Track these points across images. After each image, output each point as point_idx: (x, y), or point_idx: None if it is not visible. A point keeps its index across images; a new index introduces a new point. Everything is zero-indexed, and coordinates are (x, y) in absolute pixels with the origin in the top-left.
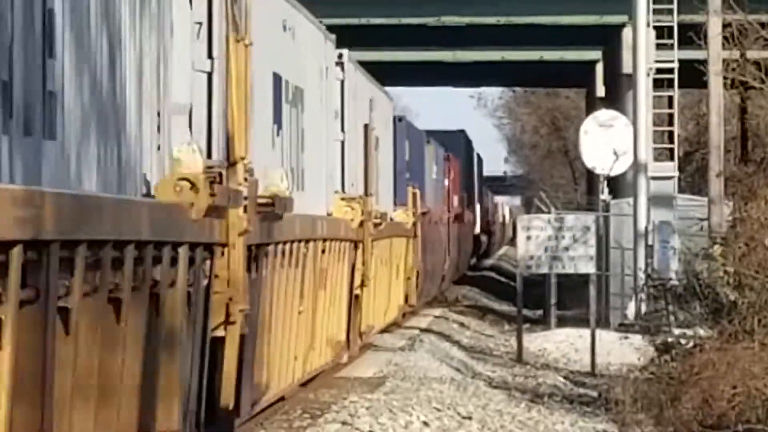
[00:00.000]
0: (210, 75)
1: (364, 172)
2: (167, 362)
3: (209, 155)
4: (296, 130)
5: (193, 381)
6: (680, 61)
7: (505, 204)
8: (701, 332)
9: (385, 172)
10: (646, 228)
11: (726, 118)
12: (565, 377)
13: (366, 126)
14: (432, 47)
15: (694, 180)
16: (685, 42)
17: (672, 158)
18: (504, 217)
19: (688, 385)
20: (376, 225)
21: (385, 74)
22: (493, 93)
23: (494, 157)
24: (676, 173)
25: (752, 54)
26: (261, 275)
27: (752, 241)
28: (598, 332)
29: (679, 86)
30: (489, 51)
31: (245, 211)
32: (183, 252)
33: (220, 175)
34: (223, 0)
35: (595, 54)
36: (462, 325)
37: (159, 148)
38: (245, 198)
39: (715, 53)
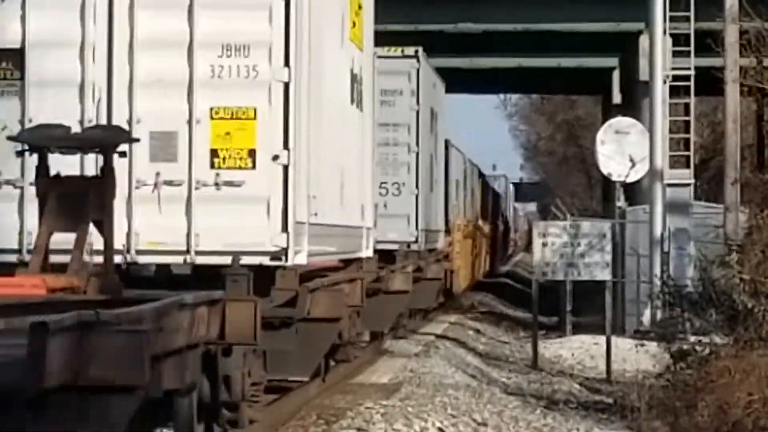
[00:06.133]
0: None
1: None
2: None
3: None
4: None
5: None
6: (697, 68)
7: (521, 212)
8: (717, 339)
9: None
10: (662, 235)
11: (742, 126)
12: (580, 384)
13: (458, 181)
14: (449, 54)
15: (710, 187)
16: (701, 49)
17: (688, 165)
18: (521, 226)
19: (703, 393)
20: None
21: None
22: (513, 98)
23: (510, 164)
24: (692, 180)
25: None
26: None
27: None
28: (614, 339)
29: (696, 93)
30: (506, 58)
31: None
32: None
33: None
34: None
35: (611, 61)
36: (477, 331)
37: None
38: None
39: (732, 60)
